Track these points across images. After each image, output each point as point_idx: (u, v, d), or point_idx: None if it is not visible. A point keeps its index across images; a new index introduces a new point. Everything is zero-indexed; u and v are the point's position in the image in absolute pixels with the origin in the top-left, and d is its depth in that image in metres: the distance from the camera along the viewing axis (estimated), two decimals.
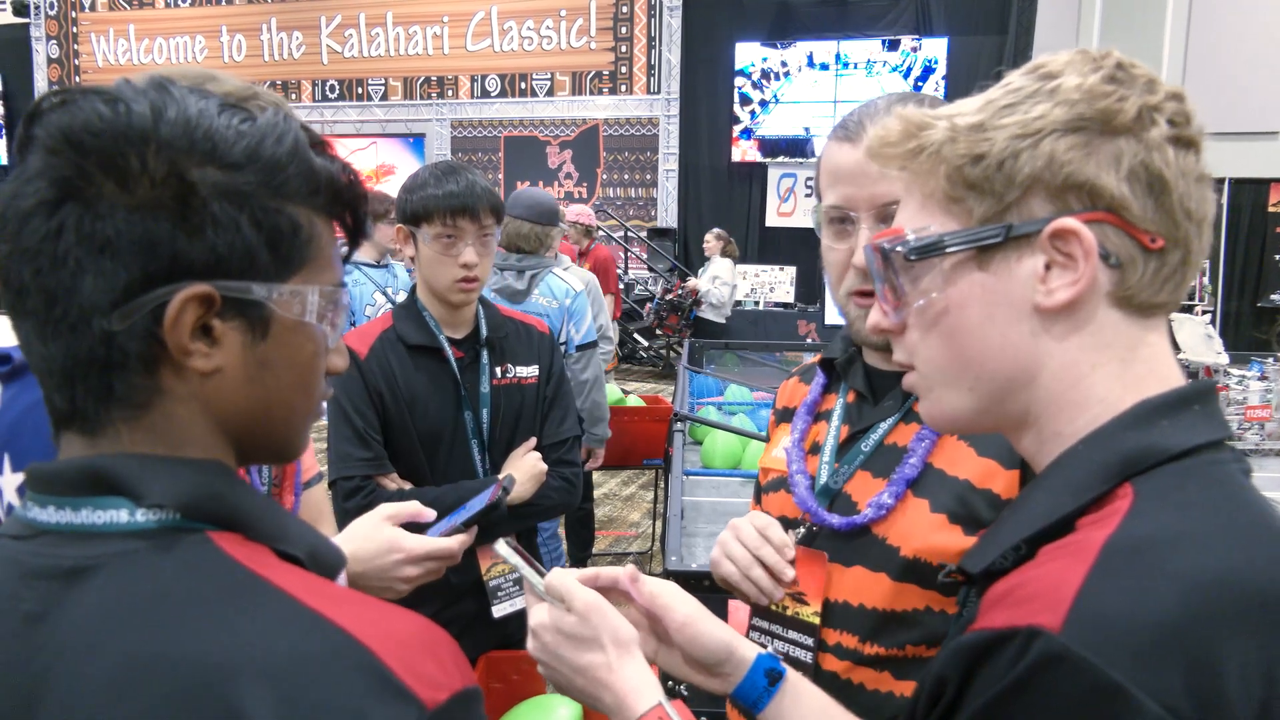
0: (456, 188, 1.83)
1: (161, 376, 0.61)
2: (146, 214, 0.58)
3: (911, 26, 11.12)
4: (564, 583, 0.86)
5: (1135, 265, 0.64)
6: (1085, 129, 0.63)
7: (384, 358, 1.86)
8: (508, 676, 1.89)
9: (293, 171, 0.63)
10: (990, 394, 0.69)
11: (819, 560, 1.08)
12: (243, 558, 0.60)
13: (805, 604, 1.09)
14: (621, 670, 0.82)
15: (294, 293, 0.64)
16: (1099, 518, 0.60)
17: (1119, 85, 0.64)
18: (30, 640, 0.57)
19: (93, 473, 0.60)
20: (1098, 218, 0.63)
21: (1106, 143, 0.63)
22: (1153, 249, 0.63)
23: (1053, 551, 0.61)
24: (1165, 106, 0.64)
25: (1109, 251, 0.64)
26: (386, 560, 1.19)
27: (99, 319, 0.59)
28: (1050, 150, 0.63)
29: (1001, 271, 0.66)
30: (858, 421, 1.13)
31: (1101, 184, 0.63)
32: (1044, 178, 0.64)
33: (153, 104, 0.60)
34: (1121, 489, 0.61)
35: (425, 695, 0.55)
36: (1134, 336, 0.66)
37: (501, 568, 1.89)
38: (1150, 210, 0.63)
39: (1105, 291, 0.64)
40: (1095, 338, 0.65)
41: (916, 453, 1.06)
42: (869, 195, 1.03)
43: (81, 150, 0.58)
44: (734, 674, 0.86)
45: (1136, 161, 0.63)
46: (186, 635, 0.55)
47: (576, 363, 3.39)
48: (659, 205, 11.97)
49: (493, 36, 12.24)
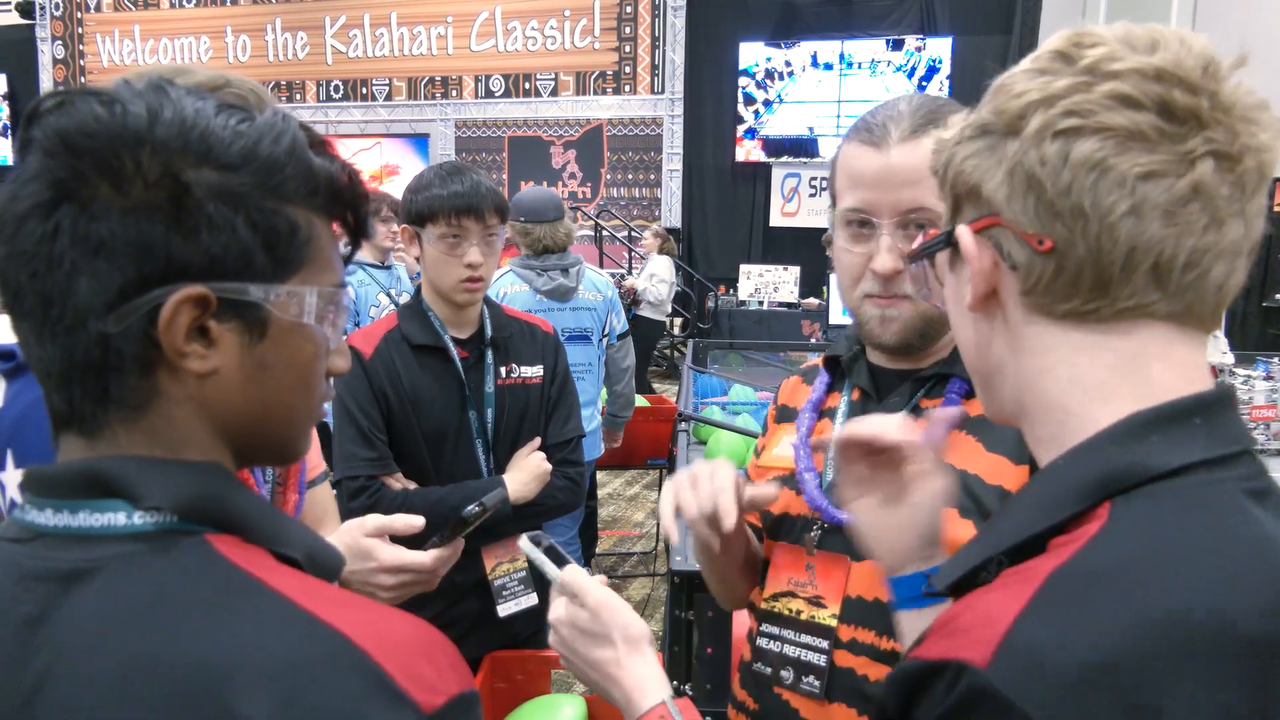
0: (461, 188, 1.83)
1: (158, 378, 0.61)
2: (141, 216, 0.58)
3: (916, 26, 11.10)
4: (578, 579, 0.88)
5: (1033, 268, 0.61)
6: (988, 132, 0.63)
7: (389, 358, 1.86)
8: (512, 676, 1.89)
9: (290, 172, 0.63)
10: (983, 386, 0.71)
11: (839, 563, 1.08)
12: (240, 560, 0.60)
13: (823, 607, 1.08)
14: (630, 667, 0.84)
15: (291, 294, 0.64)
16: (1067, 539, 0.57)
17: (1031, 78, 0.61)
18: (29, 643, 0.57)
19: (90, 475, 0.60)
20: (987, 223, 0.63)
21: (1001, 145, 0.62)
22: (1042, 250, 0.60)
23: (1006, 577, 0.58)
24: (1070, 94, 0.59)
25: (1005, 254, 0.63)
26: (362, 568, 1.21)
27: (94, 321, 0.59)
28: (958, 157, 0.64)
29: (959, 272, 0.68)
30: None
31: (985, 189, 0.62)
32: (957, 185, 0.65)
33: (149, 105, 0.60)
34: (1099, 509, 0.57)
35: (421, 699, 0.55)
36: (1082, 341, 0.61)
37: (505, 567, 1.90)
38: (1030, 210, 0.60)
39: (1017, 295, 0.63)
40: (1026, 342, 0.64)
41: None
42: (893, 201, 1.03)
43: (76, 152, 0.58)
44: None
45: (1014, 161, 0.60)
46: (183, 638, 0.55)
47: (618, 351, 3.51)
48: (663, 205, 11.96)
49: (497, 36, 12.24)
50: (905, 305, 1.06)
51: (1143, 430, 0.59)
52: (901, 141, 1.02)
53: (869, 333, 1.10)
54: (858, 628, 1.06)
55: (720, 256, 11.94)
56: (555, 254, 3.27)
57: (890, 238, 1.03)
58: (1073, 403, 0.62)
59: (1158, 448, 0.58)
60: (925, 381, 1.11)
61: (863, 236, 1.06)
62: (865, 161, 1.05)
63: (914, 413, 1.09)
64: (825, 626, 1.07)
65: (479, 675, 1.82)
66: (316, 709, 0.53)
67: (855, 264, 1.07)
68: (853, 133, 1.09)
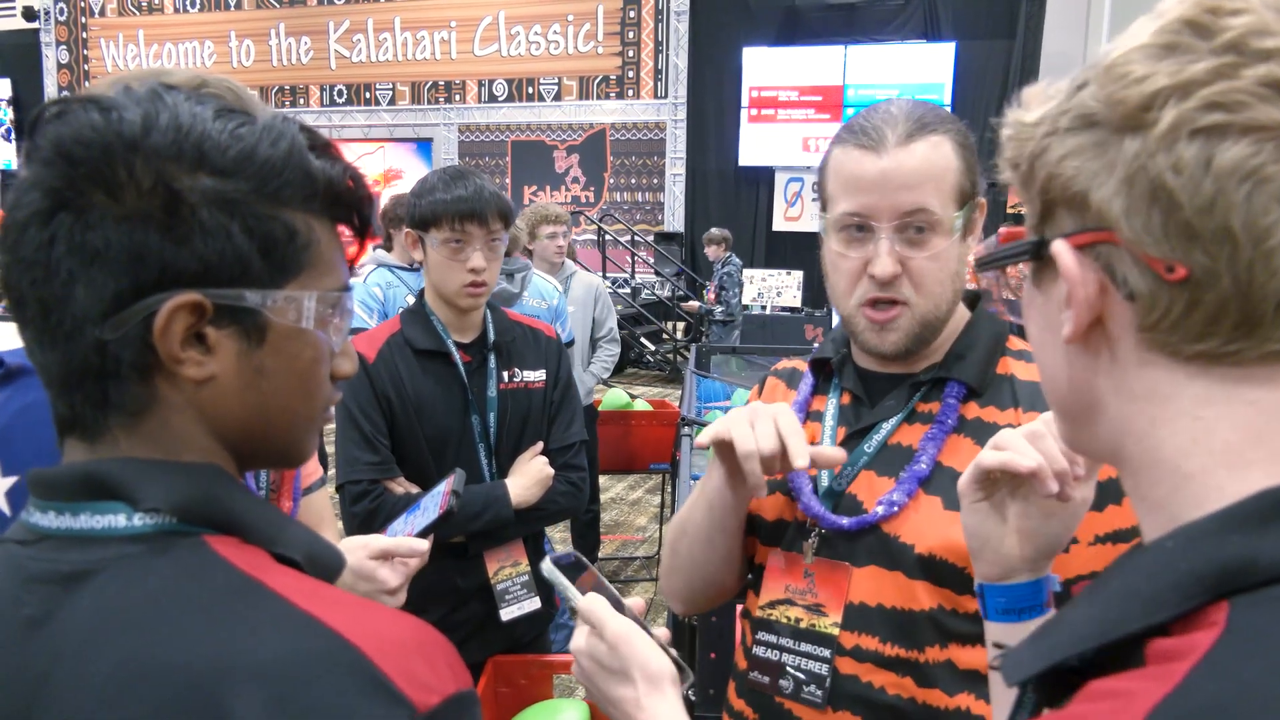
0: (465, 192, 1.83)
1: (156, 384, 0.61)
2: (135, 224, 0.58)
3: (919, 31, 11.11)
4: (596, 611, 0.84)
5: (1156, 300, 0.48)
6: (1097, 125, 0.50)
7: (391, 362, 1.86)
8: (515, 681, 1.89)
9: (288, 177, 0.63)
10: (1072, 422, 0.59)
11: (841, 571, 1.07)
12: (238, 561, 0.60)
13: (824, 615, 1.07)
14: (650, 708, 0.79)
15: (289, 299, 0.64)
16: (1171, 650, 0.45)
17: (1155, 57, 0.48)
18: (31, 644, 0.58)
19: (90, 478, 0.60)
20: (1096, 238, 0.50)
21: (1117, 142, 0.49)
22: (1171, 279, 0.47)
23: (1092, 701, 0.46)
24: (1214, 80, 0.46)
25: (1121, 280, 0.50)
26: (366, 589, 1.21)
27: (91, 328, 0.59)
28: (1057, 153, 0.52)
29: (1047, 291, 0.56)
30: (855, 422, 1.12)
31: (1093, 197, 0.50)
32: (1053, 186, 0.52)
33: (145, 112, 0.60)
34: (1215, 610, 0.45)
35: (416, 698, 0.55)
36: (1209, 392, 0.49)
37: (508, 571, 1.89)
38: (1157, 229, 0.47)
39: (1132, 330, 0.50)
40: (1139, 385, 0.51)
41: (927, 451, 1.05)
42: (891, 205, 1.02)
43: (72, 161, 0.58)
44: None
45: (1136, 166, 0.48)
46: (179, 639, 0.55)
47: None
48: (666, 209, 11.98)
49: (500, 41, 12.27)
50: (904, 314, 1.05)
51: (1276, 513, 0.46)
52: (899, 145, 1.02)
53: (864, 341, 1.08)
54: (861, 634, 1.04)
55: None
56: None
57: (889, 241, 1.02)
58: (1194, 466, 0.50)
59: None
60: (920, 385, 1.09)
61: (859, 241, 1.05)
62: (862, 165, 1.03)
63: (910, 418, 1.08)
64: (827, 635, 1.06)
65: (481, 679, 1.81)
66: (310, 708, 0.53)
67: (852, 268, 1.06)
68: (845, 136, 1.07)
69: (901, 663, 1.02)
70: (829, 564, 1.08)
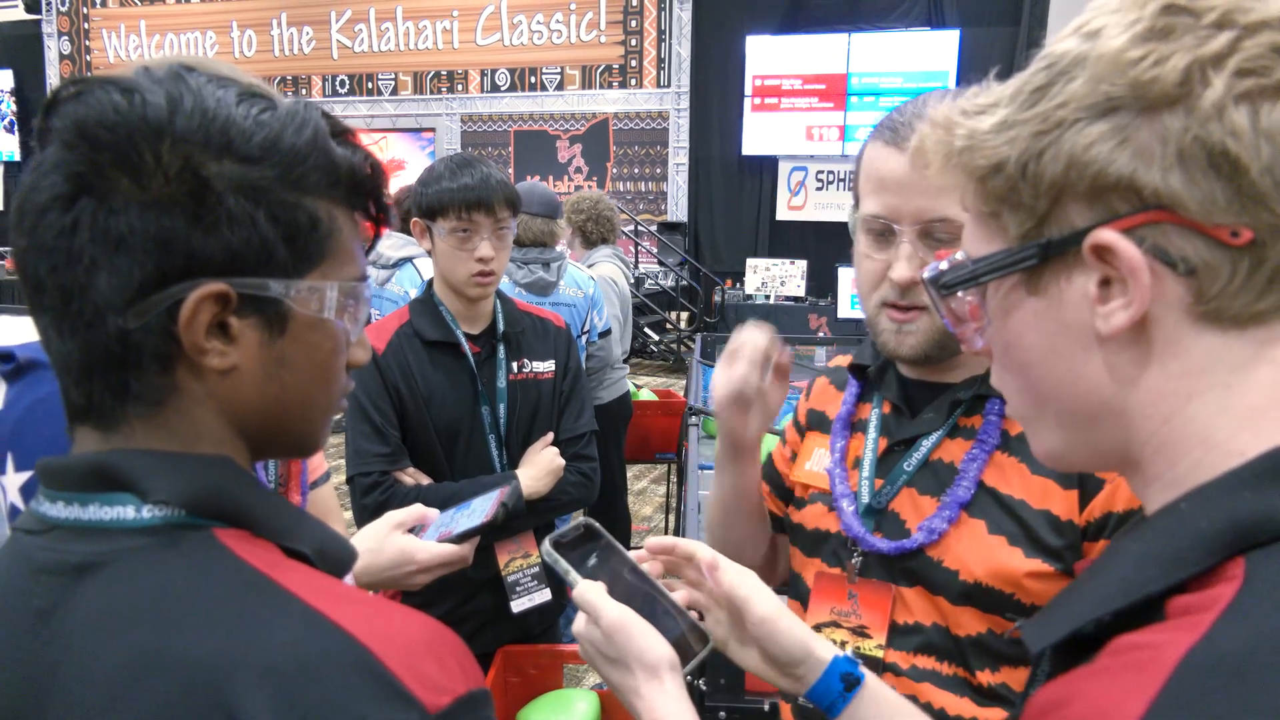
0: (471, 181, 1.81)
1: (177, 375, 0.61)
2: (161, 210, 0.57)
3: (924, 18, 11.05)
4: (592, 598, 0.83)
5: (1218, 269, 0.49)
6: (1118, 110, 0.51)
7: (401, 353, 1.85)
8: (525, 671, 1.90)
9: (312, 164, 0.62)
10: (1078, 431, 0.58)
11: (884, 592, 1.05)
12: (248, 555, 0.59)
13: (868, 637, 1.05)
14: (649, 698, 0.78)
15: (312, 289, 0.63)
16: (1194, 604, 0.47)
17: (1159, 40, 0.50)
18: (40, 635, 0.57)
19: (100, 469, 0.60)
20: (1149, 219, 0.50)
21: (1147, 123, 0.50)
22: (1237, 244, 0.49)
23: (1120, 654, 0.48)
24: (1235, 50, 0.49)
25: (1174, 257, 0.50)
26: (399, 572, 1.22)
27: (114, 316, 0.58)
28: (1072, 146, 0.52)
29: (1053, 295, 0.55)
30: (895, 433, 1.09)
31: (1141, 178, 0.50)
32: (1071, 180, 0.52)
33: (169, 95, 0.59)
34: (1232, 565, 0.47)
35: (427, 699, 0.54)
36: (1241, 355, 0.51)
37: (519, 563, 1.89)
38: (1221, 196, 0.48)
39: (1185, 305, 0.51)
40: (1182, 362, 0.52)
41: (969, 474, 1.02)
42: (915, 209, 0.98)
43: (95, 144, 0.57)
44: (808, 675, 0.84)
45: (1188, 139, 0.49)
46: (187, 634, 0.54)
47: (600, 350, 3.48)
48: (669, 199, 11.94)
49: (502, 31, 12.22)
50: (923, 318, 1.02)
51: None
52: None
53: (883, 343, 1.06)
54: (917, 654, 1.02)
55: (727, 250, 11.92)
56: (538, 248, 3.25)
57: (910, 246, 0.99)
58: (1221, 434, 0.51)
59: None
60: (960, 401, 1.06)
61: (884, 243, 1.02)
62: (888, 164, 1.00)
63: (952, 433, 1.06)
64: (872, 658, 1.04)
65: (492, 670, 1.82)
66: (318, 708, 0.52)
67: (875, 270, 1.04)
68: (878, 131, 1.03)
69: (960, 683, 1.01)
70: (873, 585, 1.06)
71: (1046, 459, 0.63)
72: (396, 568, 1.21)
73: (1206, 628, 0.44)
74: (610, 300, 3.64)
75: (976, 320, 0.62)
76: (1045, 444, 0.62)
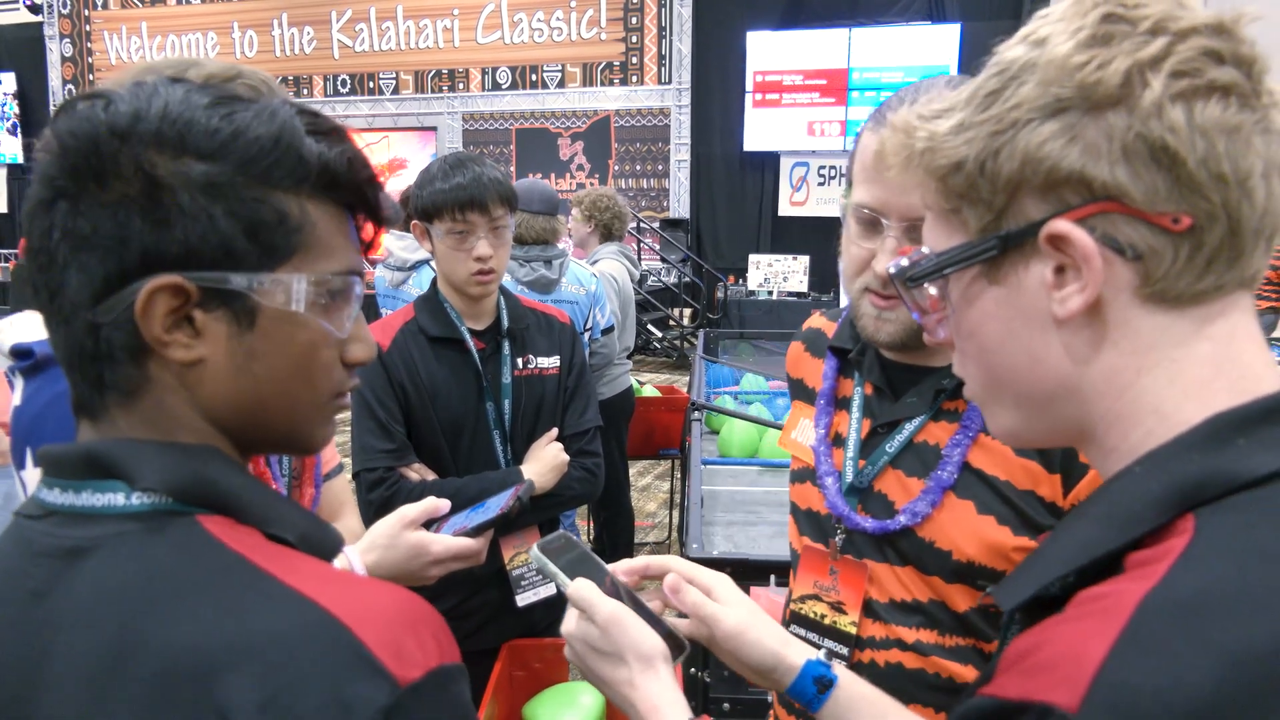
0: (464, 180, 1.82)
1: (148, 366, 0.63)
2: (118, 210, 0.60)
3: (924, 12, 11.04)
4: (586, 594, 0.85)
5: (1162, 253, 0.54)
6: (1067, 110, 0.55)
7: (406, 349, 1.87)
8: (530, 664, 1.90)
9: (276, 158, 0.63)
10: (1036, 411, 0.63)
11: (860, 570, 1.08)
12: (230, 540, 0.61)
13: (844, 613, 1.08)
14: (644, 687, 0.80)
15: (277, 282, 0.64)
16: (1149, 557, 0.51)
17: (1101, 46, 0.55)
18: (34, 616, 0.60)
19: (91, 456, 0.62)
20: (1099, 209, 0.55)
21: (1094, 121, 0.55)
22: (1177, 230, 0.54)
23: (1084, 604, 0.52)
24: (1169, 54, 0.54)
25: (1123, 244, 0.55)
26: (414, 565, 1.23)
27: (84, 312, 0.62)
28: (1026, 144, 0.56)
29: (1012, 284, 0.60)
30: (879, 415, 1.11)
31: (1090, 172, 0.54)
32: (1026, 176, 0.57)
33: (136, 101, 0.62)
34: (1182, 521, 0.52)
35: (399, 672, 0.55)
36: (1184, 332, 0.56)
37: (524, 557, 1.90)
38: (1162, 187, 0.53)
39: (1134, 288, 0.56)
40: (1133, 341, 0.57)
41: (953, 458, 1.03)
42: (901, 205, 0.99)
43: (67, 152, 0.61)
44: (783, 680, 0.87)
45: (1131, 136, 0.54)
46: (169, 616, 0.57)
47: (603, 347, 3.50)
48: (671, 196, 11.95)
49: (503, 29, 12.23)
50: (902, 308, 1.02)
51: (1227, 432, 0.54)
52: None
53: (863, 327, 1.08)
54: (920, 629, 1.05)
55: (729, 246, 11.93)
56: (539, 245, 3.25)
57: (895, 241, 1.00)
58: (1169, 405, 0.56)
59: (1244, 452, 0.52)
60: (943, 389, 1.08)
61: (871, 232, 1.03)
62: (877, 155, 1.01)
63: (936, 416, 1.07)
64: (846, 633, 1.07)
65: (497, 664, 1.83)
66: (294, 683, 0.54)
67: (860, 257, 1.05)
68: (873, 119, 1.04)
69: (969, 651, 1.03)
70: (851, 562, 1.08)
71: (1004, 437, 0.67)
72: (411, 560, 1.23)
73: (1161, 575, 0.49)
74: (609, 296, 3.65)
75: (938, 311, 0.67)
76: (1003, 423, 0.66)
